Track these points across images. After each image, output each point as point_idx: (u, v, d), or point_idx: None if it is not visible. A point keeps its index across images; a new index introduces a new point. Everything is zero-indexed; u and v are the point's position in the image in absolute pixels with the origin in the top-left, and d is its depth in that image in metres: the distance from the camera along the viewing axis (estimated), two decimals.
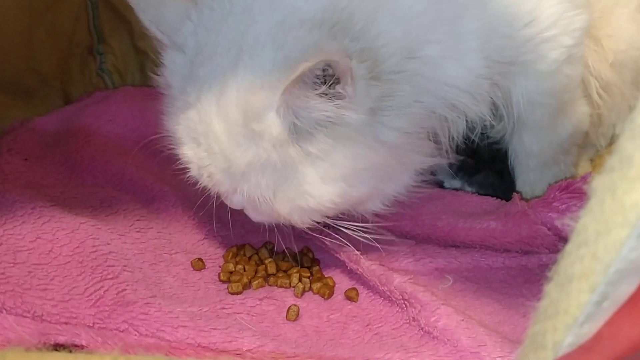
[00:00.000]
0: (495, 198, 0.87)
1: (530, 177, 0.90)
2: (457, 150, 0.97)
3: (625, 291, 0.33)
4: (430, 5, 0.68)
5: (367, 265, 0.73)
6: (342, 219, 0.72)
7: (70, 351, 0.58)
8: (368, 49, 0.64)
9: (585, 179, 0.79)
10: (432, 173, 0.99)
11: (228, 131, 0.64)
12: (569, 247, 0.35)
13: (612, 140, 1.00)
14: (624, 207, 0.31)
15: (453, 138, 0.78)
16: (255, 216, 0.72)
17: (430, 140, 0.75)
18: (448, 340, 0.64)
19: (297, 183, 0.65)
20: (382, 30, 0.66)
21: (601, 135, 0.98)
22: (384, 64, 0.65)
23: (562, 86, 0.80)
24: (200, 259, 0.77)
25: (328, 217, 0.71)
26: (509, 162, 0.92)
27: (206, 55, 0.66)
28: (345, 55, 0.61)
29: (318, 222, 0.71)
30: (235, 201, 0.70)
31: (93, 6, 1.22)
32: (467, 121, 0.76)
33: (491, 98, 0.77)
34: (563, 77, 0.79)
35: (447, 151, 0.79)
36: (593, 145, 0.99)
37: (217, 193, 0.71)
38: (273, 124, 0.62)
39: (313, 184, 0.65)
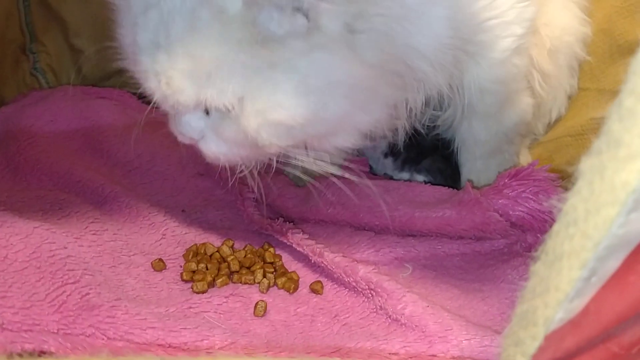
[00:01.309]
0: (447, 187, 0.90)
1: (476, 165, 0.93)
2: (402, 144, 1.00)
3: (611, 266, 0.36)
4: None
5: (331, 257, 0.74)
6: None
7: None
8: None
9: (532, 166, 0.83)
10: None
11: (192, 27, 0.60)
12: (557, 227, 0.36)
13: (549, 127, 1.05)
14: (614, 186, 0.32)
15: (411, 110, 0.80)
16: (213, 146, 0.68)
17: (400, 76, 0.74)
18: (416, 326, 0.66)
19: (268, 92, 0.62)
20: None
21: (539, 122, 1.03)
22: None
23: (511, 75, 0.84)
24: (160, 260, 0.76)
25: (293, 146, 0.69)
26: (453, 151, 0.96)
27: None
28: None
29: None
30: (194, 125, 0.67)
31: (25, 4, 1.17)
32: (424, 97, 0.79)
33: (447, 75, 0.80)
34: (512, 67, 0.83)
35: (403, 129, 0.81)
36: (531, 133, 1.04)
37: (173, 115, 0.67)
38: (241, 17, 0.59)
39: (286, 94, 0.62)
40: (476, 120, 0.88)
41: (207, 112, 0.67)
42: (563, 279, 0.36)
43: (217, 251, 0.78)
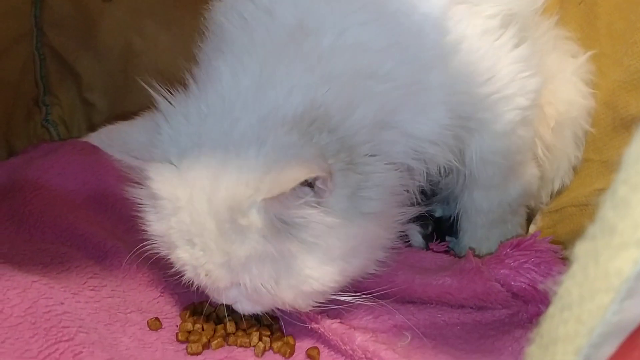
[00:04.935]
0: (448, 255, 0.89)
1: (477, 234, 0.93)
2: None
3: (606, 352, 0.35)
4: (399, 70, 0.71)
5: (328, 324, 0.73)
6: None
7: None
8: (345, 137, 0.68)
9: (534, 236, 0.82)
10: None
11: (219, 228, 0.64)
12: (552, 310, 0.36)
13: (552, 196, 1.05)
14: (607, 273, 0.32)
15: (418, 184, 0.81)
16: (249, 308, 0.72)
17: (406, 192, 0.78)
18: None
19: (298, 269, 0.66)
20: (357, 119, 0.69)
21: (543, 191, 1.02)
22: (359, 149, 0.68)
23: (515, 147, 0.84)
24: (156, 319, 0.75)
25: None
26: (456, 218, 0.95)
27: (193, 159, 0.66)
28: (324, 162, 0.63)
29: (320, 303, 0.72)
30: (230, 296, 0.71)
31: (40, 57, 1.21)
32: (429, 168, 0.80)
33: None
34: (516, 139, 0.83)
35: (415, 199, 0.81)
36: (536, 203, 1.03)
37: (209, 290, 0.71)
38: (256, 220, 0.63)
39: (314, 268, 0.66)
40: (477, 190, 0.87)
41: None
42: None
43: (214, 311, 0.77)
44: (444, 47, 0.74)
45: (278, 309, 0.73)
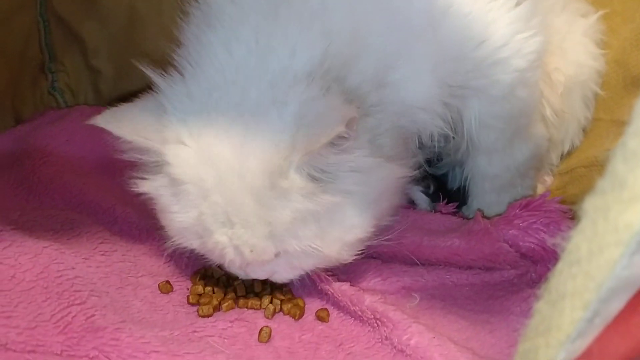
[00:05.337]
0: (457, 216, 0.89)
1: (486, 200, 0.92)
2: None
3: (615, 308, 0.35)
4: (390, 35, 0.71)
5: (337, 285, 0.74)
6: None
7: None
8: (351, 88, 0.68)
9: (543, 197, 0.82)
10: None
11: (258, 199, 0.63)
12: (561, 266, 0.36)
13: (563, 157, 1.04)
14: (617, 227, 0.32)
15: (419, 145, 0.82)
16: (288, 276, 0.73)
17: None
18: (421, 357, 0.65)
19: (341, 221, 0.67)
20: (360, 69, 0.69)
21: (553, 152, 1.01)
22: (366, 100, 0.69)
23: (517, 110, 0.82)
24: (167, 282, 0.76)
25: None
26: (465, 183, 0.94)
27: (211, 137, 0.65)
28: (350, 106, 0.64)
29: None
30: (268, 269, 0.71)
31: (45, 23, 1.19)
32: (421, 135, 0.80)
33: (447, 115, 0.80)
34: (517, 101, 0.81)
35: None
36: (546, 165, 1.02)
37: (247, 269, 0.71)
38: (296, 179, 0.63)
39: (355, 216, 0.68)
40: (480, 156, 0.86)
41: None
42: (565, 319, 0.35)
43: (224, 274, 0.77)
44: (431, 14, 0.72)
45: None
